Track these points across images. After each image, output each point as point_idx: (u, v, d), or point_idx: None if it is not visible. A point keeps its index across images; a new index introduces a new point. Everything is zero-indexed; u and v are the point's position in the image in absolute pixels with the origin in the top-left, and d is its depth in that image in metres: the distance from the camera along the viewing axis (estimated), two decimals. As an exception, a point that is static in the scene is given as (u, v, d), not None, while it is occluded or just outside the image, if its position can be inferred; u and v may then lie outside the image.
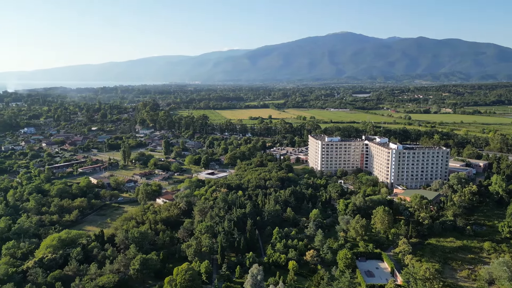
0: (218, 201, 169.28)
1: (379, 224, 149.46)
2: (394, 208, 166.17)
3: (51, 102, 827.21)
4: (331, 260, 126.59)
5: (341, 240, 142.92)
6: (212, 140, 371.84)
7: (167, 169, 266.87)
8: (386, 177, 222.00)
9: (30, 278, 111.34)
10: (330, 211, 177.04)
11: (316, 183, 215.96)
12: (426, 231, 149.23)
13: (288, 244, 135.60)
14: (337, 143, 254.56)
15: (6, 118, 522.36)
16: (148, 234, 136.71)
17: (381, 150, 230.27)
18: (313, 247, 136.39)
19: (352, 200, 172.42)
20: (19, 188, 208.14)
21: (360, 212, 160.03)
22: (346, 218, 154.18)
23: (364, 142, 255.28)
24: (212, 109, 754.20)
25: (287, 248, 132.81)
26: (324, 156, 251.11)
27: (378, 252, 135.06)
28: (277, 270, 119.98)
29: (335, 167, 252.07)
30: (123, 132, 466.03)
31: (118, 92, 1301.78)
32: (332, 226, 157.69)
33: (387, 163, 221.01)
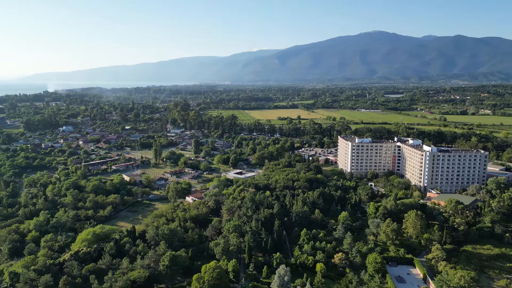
0: (246, 201, 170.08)
1: (411, 229, 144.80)
2: (427, 213, 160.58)
3: (88, 102, 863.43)
4: (360, 264, 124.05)
5: (370, 243, 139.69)
6: (241, 140, 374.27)
7: (196, 168, 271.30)
8: (419, 180, 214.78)
9: (66, 270, 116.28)
10: (360, 214, 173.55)
11: (346, 185, 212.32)
12: (461, 237, 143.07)
13: (316, 246, 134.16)
14: (368, 145, 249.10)
15: (47, 116, 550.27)
16: (178, 232, 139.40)
17: (414, 153, 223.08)
18: (341, 250, 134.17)
19: (383, 203, 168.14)
20: (57, 183, 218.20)
21: (391, 216, 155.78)
22: (376, 222, 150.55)
23: (396, 143, 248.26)
24: (241, 109, 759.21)
25: (315, 250, 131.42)
26: (354, 158, 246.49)
27: (409, 258, 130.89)
28: (305, 271, 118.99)
29: (365, 169, 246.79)
30: (155, 131, 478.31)
31: (150, 92, 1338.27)
32: (362, 229, 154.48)
33: (420, 166, 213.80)
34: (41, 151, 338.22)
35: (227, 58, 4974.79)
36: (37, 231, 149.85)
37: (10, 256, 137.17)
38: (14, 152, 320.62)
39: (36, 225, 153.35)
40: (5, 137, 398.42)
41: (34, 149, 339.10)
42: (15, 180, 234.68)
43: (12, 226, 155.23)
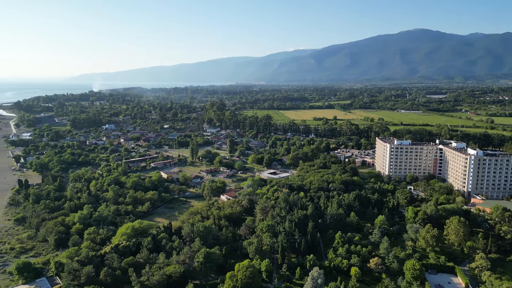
0: (280, 201, 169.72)
1: (453, 236, 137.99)
2: (471, 219, 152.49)
3: (129, 101, 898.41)
4: (397, 270, 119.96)
5: (409, 249, 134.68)
6: (275, 140, 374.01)
7: (231, 167, 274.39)
8: (463, 185, 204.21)
9: (107, 262, 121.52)
10: (397, 218, 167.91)
11: (383, 188, 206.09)
12: (508, 246, 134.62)
13: (351, 249, 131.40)
14: (408, 147, 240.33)
15: (91, 115, 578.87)
16: (212, 229, 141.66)
17: (457, 156, 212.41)
18: (377, 254, 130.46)
19: (423, 208, 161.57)
20: (100, 179, 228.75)
21: (431, 221, 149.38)
22: (415, 227, 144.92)
23: (438, 146, 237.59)
24: (276, 109, 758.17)
25: (350, 253, 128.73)
26: (392, 160, 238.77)
27: (451, 266, 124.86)
28: (339, 275, 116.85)
29: (404, 172, 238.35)
30: (192, 130, 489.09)
31: (188, 92, 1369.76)
32: (399, 234, 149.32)
33: (464, 170, 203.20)
34: (86, 148, 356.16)
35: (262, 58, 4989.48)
36: (81, 223, 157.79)
37: (56, 246, 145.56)
38: (61, 149, 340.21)
39: (80, 218, 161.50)
40: (53, 134, 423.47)
41: (79, 146, 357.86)
42: (62, 175, 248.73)
43: (58, 218, 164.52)
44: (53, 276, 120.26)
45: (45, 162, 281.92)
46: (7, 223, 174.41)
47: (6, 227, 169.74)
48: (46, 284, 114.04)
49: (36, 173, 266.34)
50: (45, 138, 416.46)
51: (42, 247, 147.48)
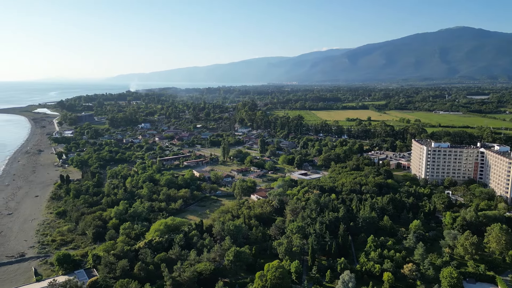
0: (310, 202, 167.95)
1: (494, 244, 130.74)
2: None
3: (164, 101, 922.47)
4: (432, 278, 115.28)
5: (446, 256, 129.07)
6: (306, 140, 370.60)
7: (261, 167, 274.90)
8: (506, 191, 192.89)
9: (141, 257, 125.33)
10: (434, 223, 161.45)
11: (419, 192, 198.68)
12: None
13: (383, 254, 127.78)
14: (446, 150, 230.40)
15: (128, 114, 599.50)
16: (242, 228, 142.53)
17: (500, 160, 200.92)
18: (412, 260, 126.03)
19: (462, 214, 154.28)
20: (135, 176, 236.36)
21: (471, 228, 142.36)
22: (453, 233, 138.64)
23: (479, 149, 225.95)
24: (307, 110, 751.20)
25: (382, 258, 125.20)
26: (429, 163, 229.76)
27: (491, 275, 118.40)
28: (370, 280, 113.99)
29: (441, 176, 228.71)
30: (224, 130, 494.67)
31: (221, 92, 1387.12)
32: (435, 241, 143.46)
33: (508, 175, 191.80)
34: (123, 146, 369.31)
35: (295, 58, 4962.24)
36: (117, 218, 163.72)
37: (94, 240, 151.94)
38: (100, 146, 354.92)
39: (116, 213, 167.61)
40: (93, 132, 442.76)
41: (116, 144, 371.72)
42: (100, 172, 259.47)
43: (96, 213, 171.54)
44: (91, 268, 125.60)
45: (85, 159, 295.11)
46: (50, 216, 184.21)
47: (48, 220, 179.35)
48: (84, 276, 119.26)
49: (77, 169, 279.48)
50: (85, 136, 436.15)
51: (81, 240, 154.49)
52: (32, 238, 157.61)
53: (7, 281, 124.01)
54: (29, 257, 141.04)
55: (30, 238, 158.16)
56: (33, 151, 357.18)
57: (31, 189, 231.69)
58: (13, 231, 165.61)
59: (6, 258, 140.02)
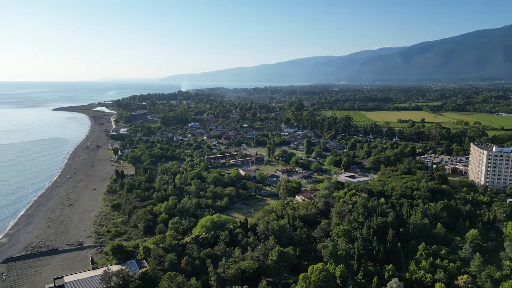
0: (358, 206, 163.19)
1: None
2: None
3: (212, 101, 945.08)
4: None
5: (506, 269, 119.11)
6: (355, 142, 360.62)
7: (307, 168, 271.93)
8: None
9: (188, 251, 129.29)
10: (493, 234, 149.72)
11: (477, 199, 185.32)
12: None
13: (436, 263, 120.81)
14: (509, 155, 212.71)
15: (179, 113, 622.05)
16: (287, 229, 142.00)
17: None
18: (467, 272, 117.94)
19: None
20: (184, 173, 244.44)
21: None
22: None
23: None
24: (356, 110, 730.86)
25: (434, 267, 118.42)
26: (489, 169, 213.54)
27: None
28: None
29: (504, 183, 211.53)
30: (270, 130, 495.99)
31: (267, 92, 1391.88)
32: (495, 252, 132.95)
33: None
34: (173, 143, 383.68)
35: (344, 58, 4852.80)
36: (166, 213, 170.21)
37: (145, 233, 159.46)
38: (152, 144, 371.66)
39: (166, 208, 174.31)
40: (146, 130, 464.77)
41: (167, 142, 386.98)
42: (151, 168, 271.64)
43: (147, 207, 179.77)
44: (141, 259, 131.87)
45: (138, 155, 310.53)
46: (105, 208, 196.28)
47: (104, 211, 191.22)
48: (135, 266, 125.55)
49: (130, 164, 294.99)
50: (139, 133, 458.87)
51: (133, 232, 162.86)
52: (90, 228, 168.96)
53: (67, 267, 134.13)
54: (87, 245, 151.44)
55: (88, 228, 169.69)
56: (92, 147, 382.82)
57: (90, 182, 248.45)
58: (73, 221, 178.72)
59: (66, 246, 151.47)
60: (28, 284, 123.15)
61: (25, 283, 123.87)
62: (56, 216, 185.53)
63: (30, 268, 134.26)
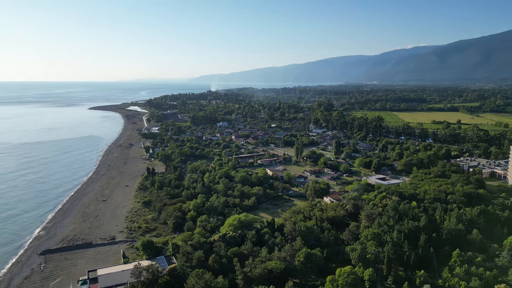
0: (388, 209, 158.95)
1: None
2: None
3: (241, 101, 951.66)
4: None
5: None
6: (386, 143, 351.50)
7: (336, 169, 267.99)
8: None
9: (215, 249, 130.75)
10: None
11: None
12: None
13: (470, 271, 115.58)
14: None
15: (208, 113, 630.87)
16: (314, 230, 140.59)
17: None
18: (505, 281, 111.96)
19: None
20: (212, 172, 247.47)
21: None
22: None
23: None
24: (388, 111, 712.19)
25: (469, 275, 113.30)
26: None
27: None
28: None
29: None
30: (298, 130, 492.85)
31: (296, 92, 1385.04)
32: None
33: None
34: (202, 142, 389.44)
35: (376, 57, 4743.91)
36: (194, 211, 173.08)
37: (174, 229, 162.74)
38: (182, 142, 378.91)
39: (194, 206, 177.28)
40: (176, 129, 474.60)
41: (197, 141, 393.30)
42: (181, 166, 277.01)
43: (177, 204, 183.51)
44: (170, 255, 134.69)
45: (169, 154, 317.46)
46: (137, 204, 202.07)
47: (135, 208, 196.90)
48: (164, 262, 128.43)
49: (161, 162, 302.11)
50: (169, 132, 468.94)
51: (162, 229, 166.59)
52: (122, 224, 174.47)
53: (100, 260, 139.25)
54: (119, 240, 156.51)
55: (120, 223, 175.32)
56: (125, 144, 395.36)
57: (122, 179, 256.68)
58: (106, 216, 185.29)
59: (100, 240, 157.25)
60: (63, 276, 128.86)
61: (61, 275, 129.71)
62: (90, 211, 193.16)
63: (66, 260, 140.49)
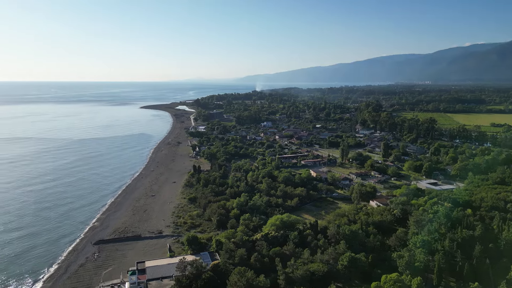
0: (440, 216, 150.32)
1: None
2: None
3: (285, 101, 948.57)
4: None
5: None
6: (438, 146, 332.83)
7: (383, 172, 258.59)
8: None
9: (257, 248, 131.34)
10: None
11: None
12: None
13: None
14: None
15: (253, 113, 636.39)
16: (359, 234, 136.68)
17: None
18: None
19: None
20: (256, 171, 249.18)
21: None
22: None
23: None
24: (441, 112, 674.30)
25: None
26: None
27: None
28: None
29: None
30: (344, 131, 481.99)
31: (343, 92, 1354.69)
32: None
33: None
34: (246, 142, 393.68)
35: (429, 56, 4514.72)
36: (238, 209, 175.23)
37: (217, 226, 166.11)
38: (226, 141, 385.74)
39: (238, 204, 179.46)
40: (221, 128, 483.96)
41: (241, 140, 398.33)
42: (226, 164, 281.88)
43: (220, 202, 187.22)
44: (214, 252, 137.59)
45: (214, 152, 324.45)
46: (183, 201, 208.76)
47: (182, 204, 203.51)
48: (207, 258, 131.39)
49: (207, 160, 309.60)
50: (215, 131, 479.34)
51: (207, 225, 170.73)
52: (169, 219, 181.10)
53: (148, 253, 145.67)
54: (165, 234, 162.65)
55: (167, 218, 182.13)
56: (173, 142, 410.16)
57: (170, 175, 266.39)
58: (155, 211, 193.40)
59: (148, 233, 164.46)
60: (115, 265, 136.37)
61: (112, 264, 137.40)
62: (140, 205, 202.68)
63: (117, 251, 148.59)
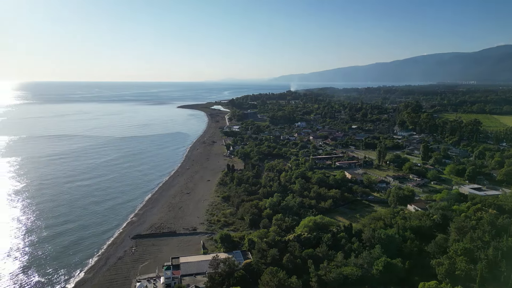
0: (483, 223, 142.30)
1: None
2: None
3: (320, 101, 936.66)
4: None
5: None
6: (483, 150, 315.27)
7: (422, 176, 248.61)
8: None
9: (290, 249, 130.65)
10: None
11: None
12: None
13: None
14: None
15: (287, 113, 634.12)
16: (395, 239, 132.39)
17: None
18: None
19: None
20: (289, 171, 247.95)
21: None
22: None
23: None
24: (487, 114, 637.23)
25: None
26: None
27: None
28: None
29: None
30: (381, 132, 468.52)
31: (381, 92, 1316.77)
32: None
33: None
34: (280, 142, 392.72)
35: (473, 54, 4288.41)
36: (270, 209, 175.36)
37: (250, 225, 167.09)
38: (260, 141, 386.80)
39: (270, 204, 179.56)
40: (255, 128, 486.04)
41: (274, 140, 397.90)
42: (259, 164, 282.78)
43: (253, 201, 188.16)
44: (246, 251, 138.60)
45: (247, 152, 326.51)
46: (217, 199, 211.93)
47: (215, 202, 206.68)
48: (240, 257, 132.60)
49: (240, 160, 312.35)
50: (249, 131, 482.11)
51: (239, 224, 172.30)
52: (203, 216, 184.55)
53: (182, 249, 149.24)
54: (199, 231, 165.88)
55: (201, 216, 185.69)
56: (208, 141, 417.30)
57: (204, 174, 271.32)
58: (190, 208, 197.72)
59: (183, 230, 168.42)
60: (151, 260, 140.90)
61: (149, 259, 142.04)
62: (175, 202, 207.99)
63: (153, 246, 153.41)
